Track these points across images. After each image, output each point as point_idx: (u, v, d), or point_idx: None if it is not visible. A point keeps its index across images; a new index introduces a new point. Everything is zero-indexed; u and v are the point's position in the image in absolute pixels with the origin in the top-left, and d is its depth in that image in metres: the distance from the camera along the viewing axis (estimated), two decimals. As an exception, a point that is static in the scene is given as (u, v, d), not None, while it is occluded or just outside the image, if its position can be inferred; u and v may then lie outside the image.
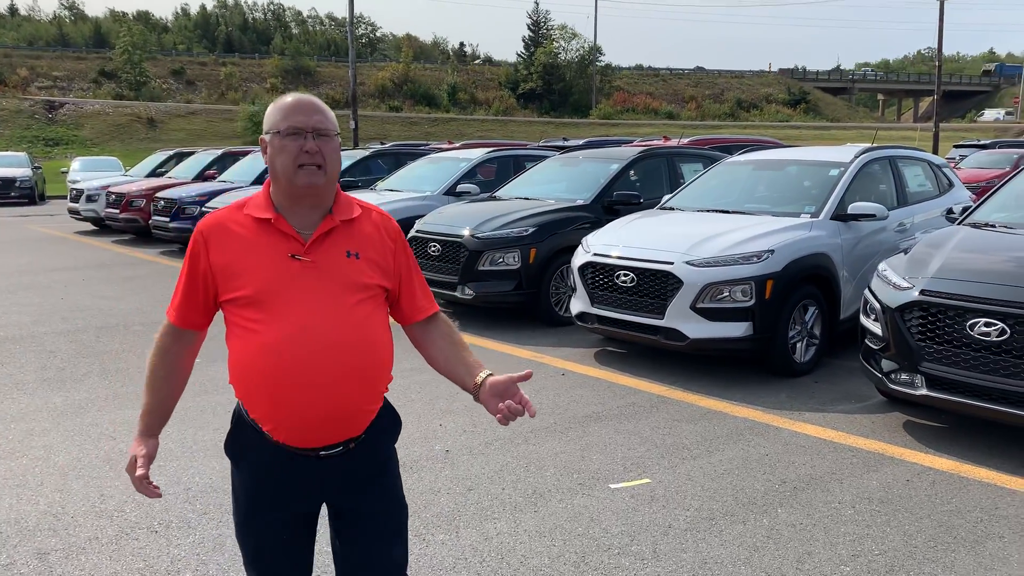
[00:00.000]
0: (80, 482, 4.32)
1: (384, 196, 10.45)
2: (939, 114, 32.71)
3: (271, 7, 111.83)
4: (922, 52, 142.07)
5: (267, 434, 2.03)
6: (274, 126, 2.03)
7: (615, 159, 9.33)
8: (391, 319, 2.17)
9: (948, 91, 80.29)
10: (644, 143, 14.17)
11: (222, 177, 15.57)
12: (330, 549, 2.23)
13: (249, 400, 2.04)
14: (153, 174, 18.54)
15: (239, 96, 62.10)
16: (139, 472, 2.11)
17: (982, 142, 27.88)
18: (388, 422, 2.19)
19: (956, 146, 27.38)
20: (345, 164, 12.75)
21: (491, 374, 2.11)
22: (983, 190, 14.09)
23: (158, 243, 14.76)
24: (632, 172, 9.19)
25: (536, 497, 4.11)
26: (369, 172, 13.50)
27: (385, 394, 2.15)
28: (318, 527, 2.23)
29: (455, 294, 7.98)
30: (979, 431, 4.98)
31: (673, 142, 12.75)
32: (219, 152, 17.83)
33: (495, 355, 6.78)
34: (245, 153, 17.20)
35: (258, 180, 14.18)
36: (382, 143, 21.82)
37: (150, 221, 14.23)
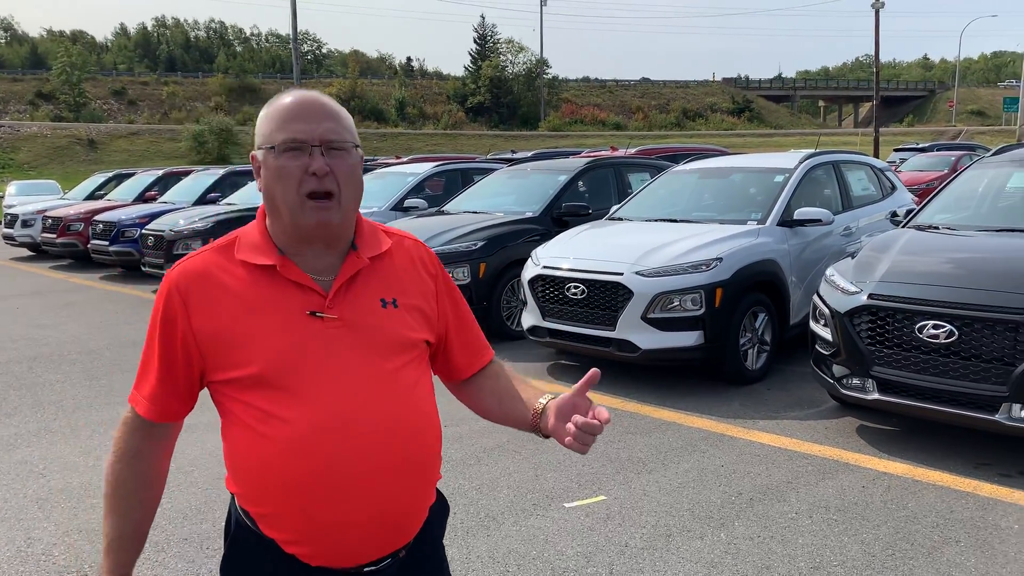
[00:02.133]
0: (5, 525, 4.07)
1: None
2: (878, 119, 33.47)
3: (213, 25, 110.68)
4: (860, 59, 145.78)
5: (294, 556, 1.52)
6: (267, 139, 1.49)
7: (563, 170, 9.28)
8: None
9: (886, 96, 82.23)
10: (592, 153, 14.19)
11: (163, 198, 15.20)
12: None
13: (270, 516, 1.51)
14: (92, 197, 18.06)
15: (183, 115, 60.97)
16: None
17: (921, 145, 28.66)
18: (438, 508, 1.69)
19: (896, 149, 28.09)
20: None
21: (554, 397, 1.63)
22: (924, 192, 14.38)
23: (98, 267, 14.33)
24: (580, 183, 9.15)
25: (489, 520, 3.98)
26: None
27: None
28: None
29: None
30: (932, 434, 4.98)
31: (620, 152, 12.77)
32: (160, 172, 17.44)
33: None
34: (187, 173, 16.82)
35: (200, 200, 13.85)
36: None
37: (89, 245, 13.86)
